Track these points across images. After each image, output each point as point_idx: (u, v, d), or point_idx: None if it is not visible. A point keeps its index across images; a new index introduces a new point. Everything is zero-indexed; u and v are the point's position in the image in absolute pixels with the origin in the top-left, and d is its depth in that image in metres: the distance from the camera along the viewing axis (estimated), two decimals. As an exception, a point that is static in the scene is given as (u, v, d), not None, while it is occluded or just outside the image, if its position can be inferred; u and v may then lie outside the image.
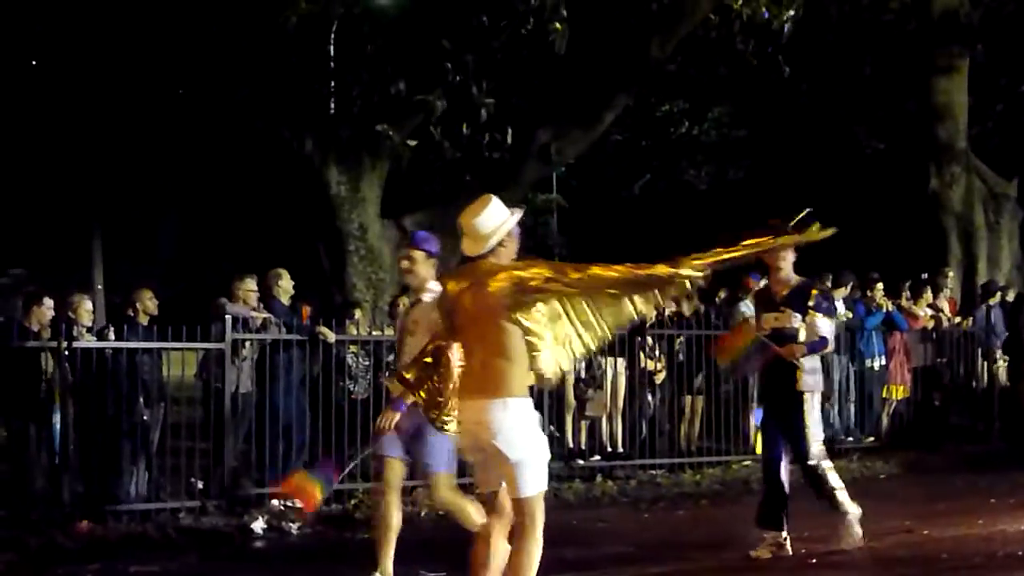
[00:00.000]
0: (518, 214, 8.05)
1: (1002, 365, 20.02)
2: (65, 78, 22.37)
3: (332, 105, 18.57)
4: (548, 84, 19.60)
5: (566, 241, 38.88)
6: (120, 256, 33.21)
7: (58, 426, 13.05)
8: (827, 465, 11.29)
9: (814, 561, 11.15)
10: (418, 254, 9.94)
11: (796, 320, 11.20)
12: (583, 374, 16.86)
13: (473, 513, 9.24)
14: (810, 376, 11.29)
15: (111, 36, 18.50)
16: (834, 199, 33.25)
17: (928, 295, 20.24)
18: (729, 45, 20.51)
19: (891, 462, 17.87)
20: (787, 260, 11.30)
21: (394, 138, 17.96)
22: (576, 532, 12.93)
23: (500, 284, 7.58)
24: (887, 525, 12.76)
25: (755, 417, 12.11)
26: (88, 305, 14.13)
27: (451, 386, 8.41)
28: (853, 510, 11.32)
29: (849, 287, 19.17)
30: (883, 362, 19.11)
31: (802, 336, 11.22)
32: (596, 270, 7.66)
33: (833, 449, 18.05)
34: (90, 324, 14.10)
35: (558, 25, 17.19)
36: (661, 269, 7.78)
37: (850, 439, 18.65)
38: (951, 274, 22.22)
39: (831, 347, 11.81)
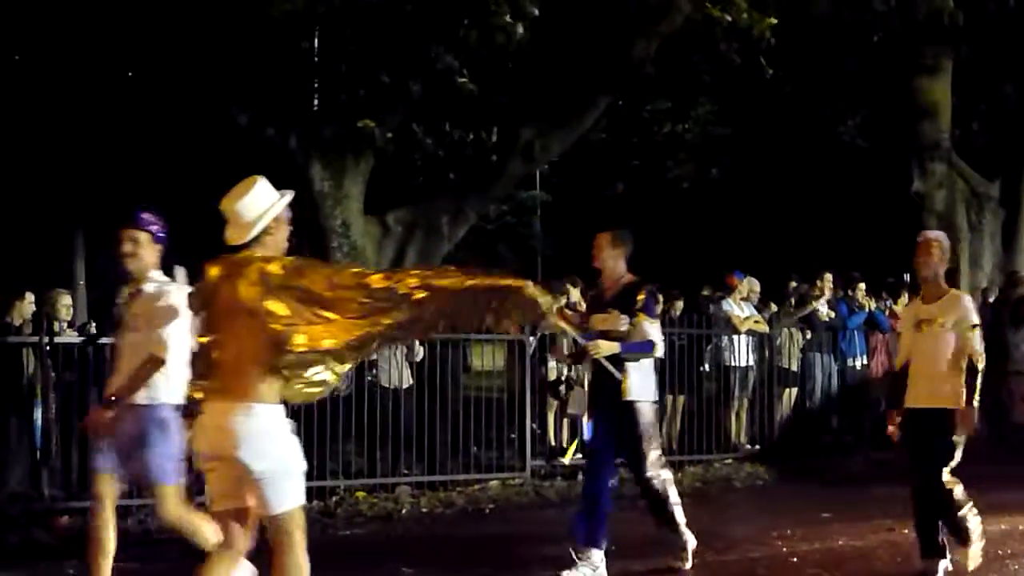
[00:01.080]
0: (288, 197, 7.36)
1: None
2: (48, 72, 22.30)
3: (316, 101, 18.56)
4: (532, 82, 19.61)
5: (550, 241, 38.93)
6: (103, 251, 33.13)
7: (39, 421, 13.01)
8: (666, 477, 10.47)
9: (795, 560, 11.16)
10: (142, 236, 8.70)
11: (623, 323, 10.25)
12: (565, 373, 16.84)
13: (207, 531, 8.18)
14: (638, 383, 10.28)
15: (93, 32, 18.45)
16: (817, 198, 33.45)
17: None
18: (712, 46, 20.53)
19: (873, 460, 17.89)
20: (612, 256, 10.56)
21: (376, 134, 17.95)
22: (558, 530, 12.91)
23: (252, 278, 6.79)
24: (870, 524, 12.81)
25: (586, 429, 10.80)
26: (67, 300, 14.07)
27: None
28: (688, 538, 10.67)
29: (829, 283, 19.20)
30: (865, 361, 19.15)
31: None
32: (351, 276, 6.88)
33: (819, 445, 18.21)
34: (68, 319, 14.04)
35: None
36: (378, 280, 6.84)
37: (830, 437, 18.68)
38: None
39: (660, 352, 10.44)
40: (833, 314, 18.92)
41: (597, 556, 10.37)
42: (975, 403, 9.93)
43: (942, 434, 9.95)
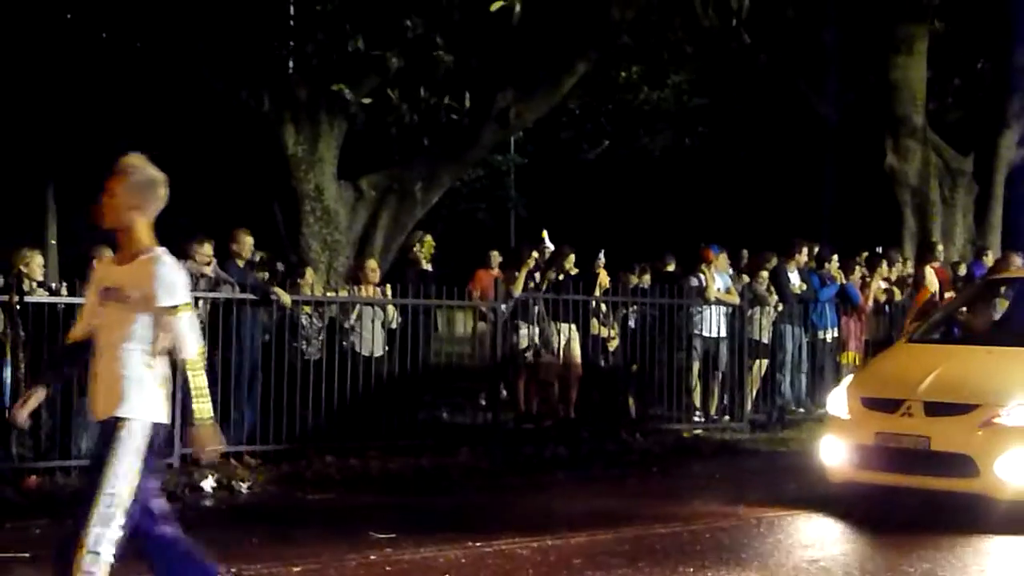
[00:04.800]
0: None
1: None
2: (19, 30, 22.17)
3: (290, 64, 18.49)
4: (508, 48, 19.57)
5: (525, 203, 38.92)
6: (75, 210, 32.93)
7: (8, 381, 12.96)
8: None
9: (760, 530, 11.22)
10: None
11: None
12: (536, 339, 16.87)
13: None
14: None
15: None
16: (790, 171, 33.48)
17: (884, 268, 20.32)
18: (689, 13, 20.54)
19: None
20: None
21: (351, 98, 17.91)
22: (526, 496, 12.97)
23: None
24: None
25: None
26: (40, 259, 13.98)
27: None
28: None
29: (804, 255, 19.25)
30: (836, 334, 19.22)
31: None
32: None
33: (783, 419, 18.28)
34: (42, 279, 13.96)
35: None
36: None
37: (802, 410, 18.75)
38: (940, 247, 22.25)
39: None
40: (805, 286, 18.98)
41: None
42: (201, 417, 6.99)
43: (96, 471, 6.76)
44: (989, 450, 11.38)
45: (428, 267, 17.90)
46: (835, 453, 12.38)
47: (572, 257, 17.51)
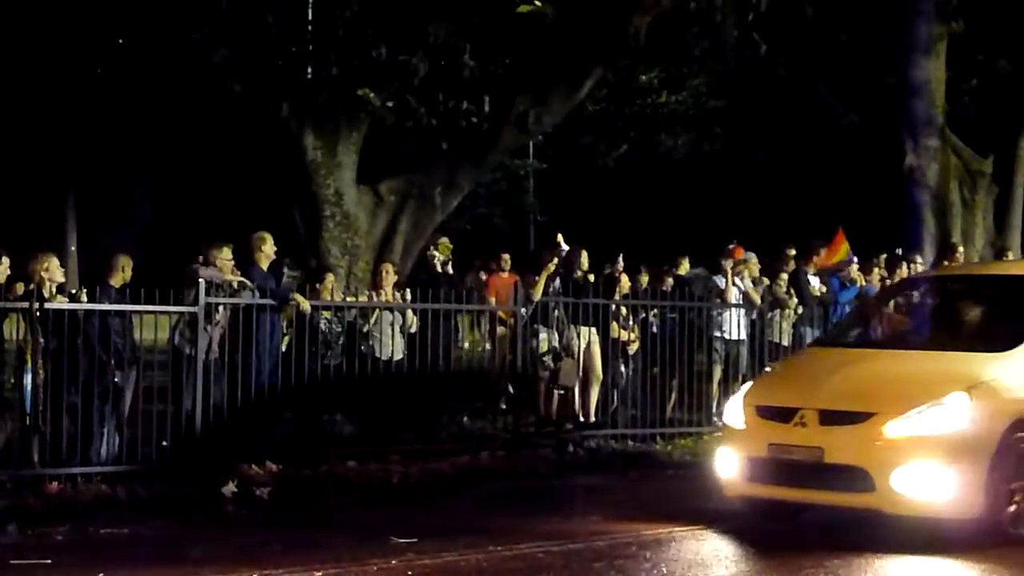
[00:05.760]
0: None
1: None
2: (40, 38, 22.25)
3: (309, 70, 18.53)
4: (527, 52, 19.58)
5: (543, 207, 38.96)
6: (95, 218, 33.00)
7: (29, 387, 12.98)
8: None
9: (770, 532, 11.19)
10: None
11: None
12: (555, 343, 16.84)
13: None
14: None
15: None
16: (809, 173, 33.46)
17: (903, 270, 20.27)
18: (708, 17, 20.52)
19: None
20: None
21: (375, 102, 17.93)
22: (547, 501, 12.96)
23: None
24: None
25: None
26: (56, 262, 13.92)
27: None
28: None
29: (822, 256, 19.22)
30: (855, 336, 19.16)
31: None
32: None
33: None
34: (63, 280, 13.97)
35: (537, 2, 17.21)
36: None
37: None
38: (960, 248, 22.16)
39: None
40: (824, 289, 18.94)
41: None
42: None
43: None
44: (885, 462, 10.61)
45: (449, 270, 17.91)
46: (729, 466, 11.63)
47: (585, 254, 17.41)
